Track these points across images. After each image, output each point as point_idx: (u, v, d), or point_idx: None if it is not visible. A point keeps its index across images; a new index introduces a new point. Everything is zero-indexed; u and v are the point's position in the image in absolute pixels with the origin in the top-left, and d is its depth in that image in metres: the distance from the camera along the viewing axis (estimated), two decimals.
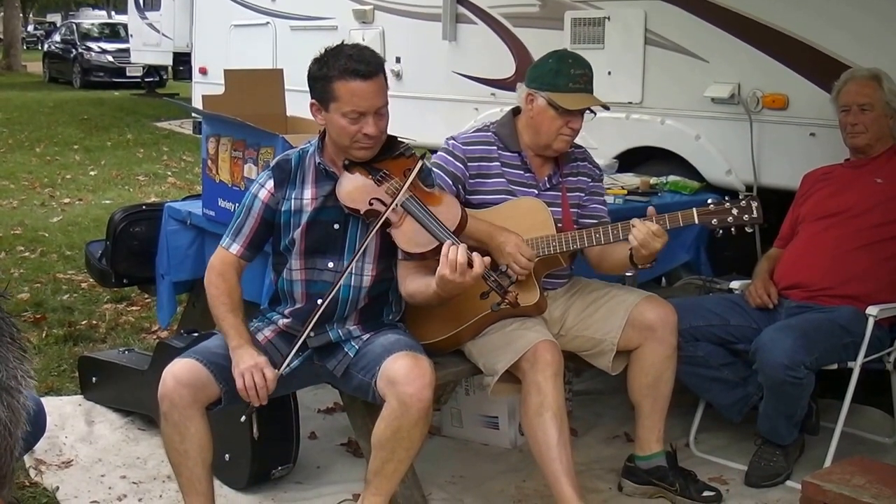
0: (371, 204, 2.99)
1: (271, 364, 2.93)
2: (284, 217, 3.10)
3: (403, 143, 3.15)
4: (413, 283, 3.03)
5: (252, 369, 2.87)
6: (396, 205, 2.96)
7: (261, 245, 3.17)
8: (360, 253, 3.00)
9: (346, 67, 2.94)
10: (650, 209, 3.24)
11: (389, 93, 3.04)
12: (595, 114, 3.43)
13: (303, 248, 3.09)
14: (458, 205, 3.09)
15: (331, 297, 2.97)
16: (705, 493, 3.46)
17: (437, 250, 2.86)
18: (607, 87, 5.04)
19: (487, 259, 2.84)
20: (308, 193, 3.08)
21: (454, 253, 2.79)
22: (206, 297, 3.13)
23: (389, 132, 3.09)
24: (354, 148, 3.02)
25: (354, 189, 3.03)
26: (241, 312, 3.06)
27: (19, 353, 1.10)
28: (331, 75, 2.96)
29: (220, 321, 3.04)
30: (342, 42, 3.08)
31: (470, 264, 2.78)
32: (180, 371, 2.92)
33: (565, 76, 3.37)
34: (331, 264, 3.08)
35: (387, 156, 3.09)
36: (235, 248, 3.12)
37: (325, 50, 3.02)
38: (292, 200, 3.09)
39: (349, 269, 3.00)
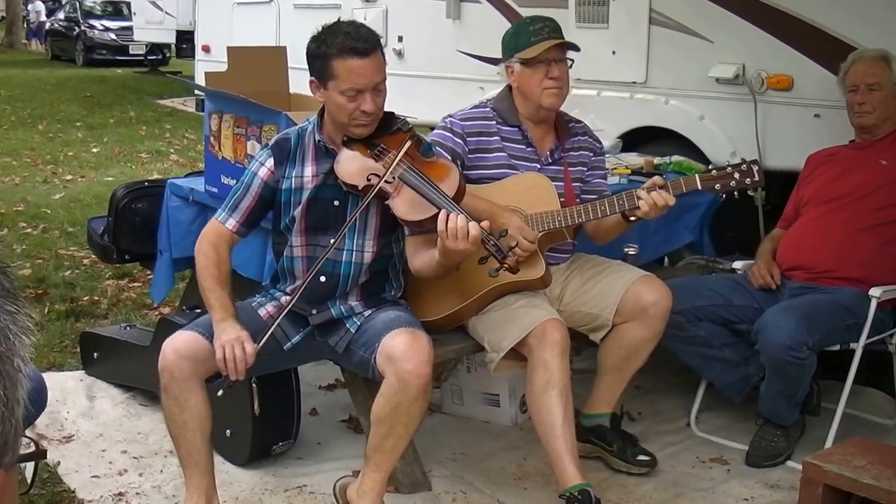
0: (369, 180, 2.98)
1: (264, 339, 2.91)
2: (285, 195, 3.10)
3: (400, 118, 3.14)
4: (420, 259, 3.03)
5: (233, 342, 2.85)
6: (392, 177, 2.96)
7: (256, 222, 3.16)
8: (351, 224, 2.99)
9: (344, 45, 2.93)
10: (656, 178, 3.24)
11: (392, 71, 3.03)
12: (573, 60, 3.43)
13: (304, 225, 3.09)
14: (458, 172, 3.08)
15: (318, 268, 2.96)
16: (640, 458, 3.50)
17: (436, 217, 2.84)
18: (612, 67, 5.03)
19: (486, 223, 2.85)
20: (308, 171, 3.08)
21: (453, 220, 2.79)
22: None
23: (388, 108, 3.08)
24: (353, 125, 3.01)
25: (353, 165, 3.02)
26: (229, 286, 3.04)
27: (14, 308, 1.00)
28: (329, 53, 2.95)
29: (207, 293, 3.02)
30: (339, 19, 3.07)
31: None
32: (180, 343, 2.92)
33: (525, 34, 3.44)
34: (331, 241, 3.07)
35: (385, 132, 3.08)
36: (231, 224, 3.11)
37: (323, 28, 3.01)
38: (293, 179, 3.08)
39: (346, 245, 3.00)
